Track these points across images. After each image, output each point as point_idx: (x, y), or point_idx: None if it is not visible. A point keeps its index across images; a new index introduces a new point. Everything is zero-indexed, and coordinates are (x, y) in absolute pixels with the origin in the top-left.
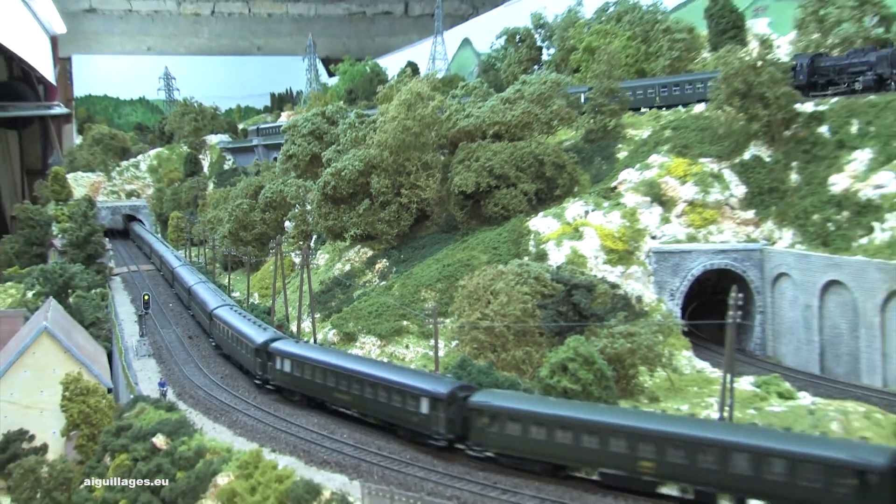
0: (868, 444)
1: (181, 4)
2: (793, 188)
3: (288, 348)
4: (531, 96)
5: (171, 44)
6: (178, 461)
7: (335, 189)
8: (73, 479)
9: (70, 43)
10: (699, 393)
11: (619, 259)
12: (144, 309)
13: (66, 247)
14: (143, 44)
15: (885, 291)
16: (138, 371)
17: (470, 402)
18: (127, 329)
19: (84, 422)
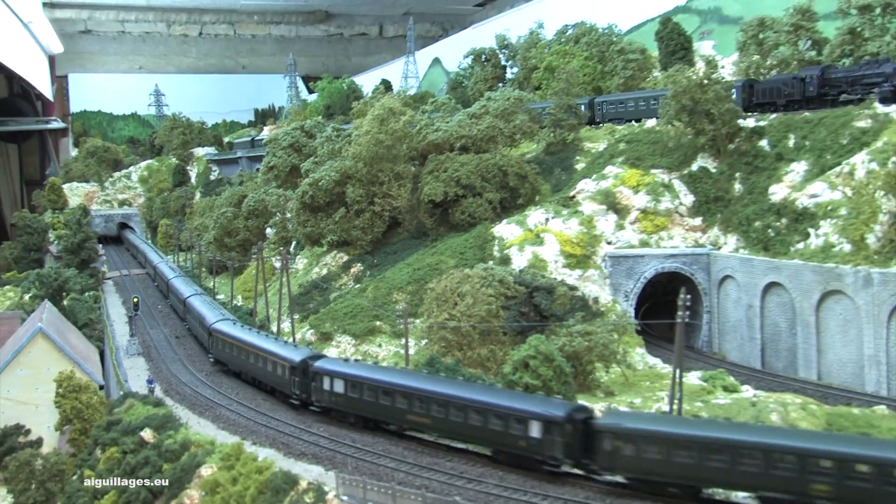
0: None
1: (171, 26)
2: (736, 197)
3: (338, 368)
4: (495, 111)
5: (161, 63)
6: (164, 454)
7: (313, 198)
8: (66, 471)
9: (67, 62)
10: (651, 387)
11: (577, 263)
12: (134, 311)
13: (61, 252)
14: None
15: (819, 292)
16: (128, 369)
17: (596, 424)
18: (118, 329)
19: (76, 417)
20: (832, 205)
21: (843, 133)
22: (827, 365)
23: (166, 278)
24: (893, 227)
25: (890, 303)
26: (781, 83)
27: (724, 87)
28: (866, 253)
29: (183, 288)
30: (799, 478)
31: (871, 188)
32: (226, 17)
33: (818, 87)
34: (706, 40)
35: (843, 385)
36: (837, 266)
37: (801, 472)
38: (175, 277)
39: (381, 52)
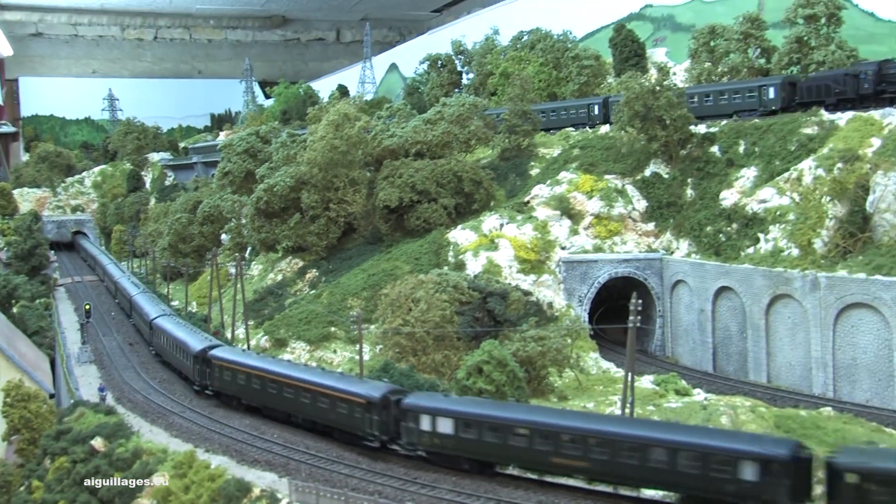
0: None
1: (125, 30)
2: (688, 202)
3: (443, 405)
4: (451, 117)
5: (115, 67)
6: (115, 462)
7: (268, 204)
8: (13, 482)
9: (17, 65)
10: (604, 391)
11: (531, 268)
12: (86, 318)
13: (11, 259)
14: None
15: (768, 296)
16: (79, 377)
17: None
18: (70, 337)
19: (25, 426)
20: (781, 210)
21: (791, 139)
22: (776, 368)
23: (129, 295)
24: (839, 232)
25: (836, 306)
26: (831, 80)
27: (676, 93)
28: (813, 257)
29: (149, 308)
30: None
31: (817, 194)
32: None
33: (874, 83)
34: (659, 47)
35: (792, 387)
36: (786, 270)
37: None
38: (140, 294)
39: (339, 57)
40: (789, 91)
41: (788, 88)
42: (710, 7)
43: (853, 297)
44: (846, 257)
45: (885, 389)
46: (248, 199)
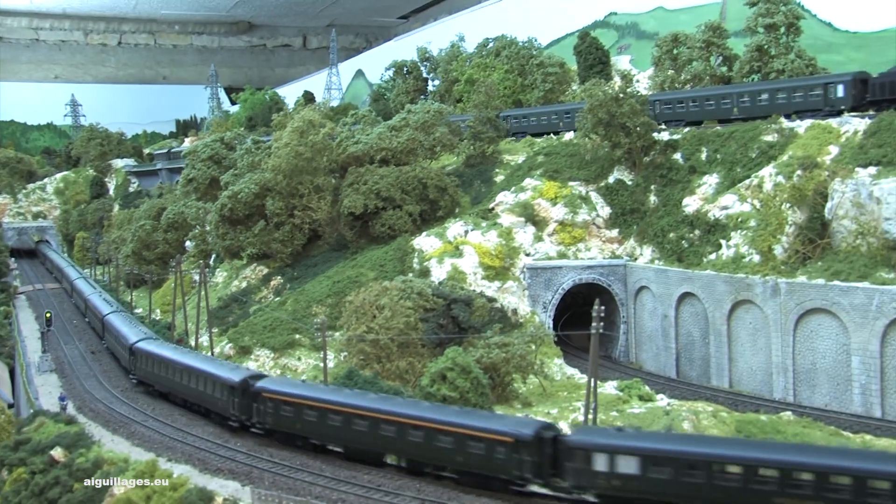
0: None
1: (88, 35)
2: (652, 209)
3: (624, 442)
4: (416, 124)
5: (78, 72)
6: (75, 473)
7: (232, 211)
8: None
9: None
10: (568, 397)
11: (496, 275)
12: (47, 326)
13: None
14: (50, 72)
15: (730, 302)
16: (39, 386)
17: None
18: (30, 346)
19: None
20: (742, 216)
21: (752, 147)
22: (738, 373)
23: (100, 314)
24: (798, 239)
25: (796, 311)
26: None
27: (639, 100)
28: (774, 263)
29: (128, 332)
30: None
31: (777, 200)
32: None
33: None
34: (624, 55)
35: (753, 392)
36: (747, 276)
37: None
38: (112, 313)
39: (305, 63)
40: (860, 89)
41: (859, 86)
42: (673, 15)
43: (812, 302)
44: (805, 263)
45: (844, 393)
46: (212, 206)
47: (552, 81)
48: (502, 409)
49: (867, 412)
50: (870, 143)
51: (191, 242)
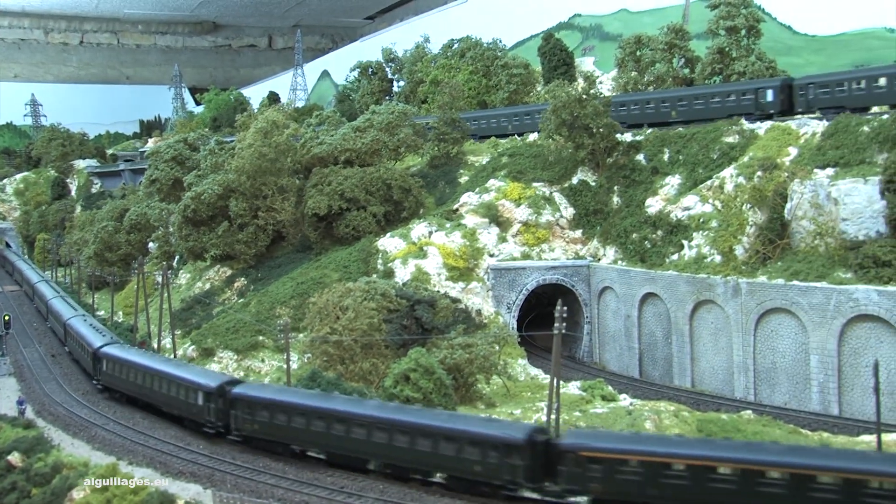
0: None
1: (49, 34)
2: (615, 210)
3: None
4: (380, 125)
5: (38, 71)
6: (33, 478)
7: (195, 212)
8: None
9: None
10: (532, 398)
11: (460, 276)
12: (5, 329)
13: None
14: (9, 71)
15: (692, 302)
16: None
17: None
18: None
19: None
20: (704, 217)
21: (714, 148)
22: (700, 372)
23: (63, 319)
24: (759, 239)
25: (757, 311)
26: None
27: (603, 102)
28: (735, 264)
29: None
30: None
31: (738, 201)
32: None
33: None
34: (588, 56)
35: (715, 391)
36: (709, 277)
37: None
38: (75, 317)
39: (271, 63)
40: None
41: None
42: (636, 17)
43: (772, 302)
44: (766, 263)
45: (802, 392)
46: (175, 207)
47: (517, 83)
48: (466, 409)
49: (825, 410)
50: (827, 144)
51: (154, 244)
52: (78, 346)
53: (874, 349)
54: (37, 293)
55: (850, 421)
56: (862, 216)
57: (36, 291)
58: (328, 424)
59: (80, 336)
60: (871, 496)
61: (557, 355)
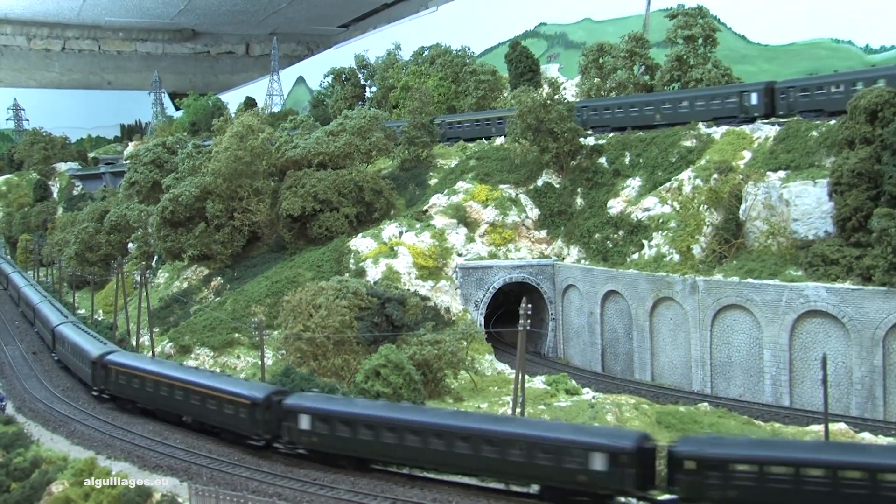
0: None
1: (31, 40)
2: (578, 211)
3: None
4: (353, 129)
5: (21, 77)
6: (13, 472)
7: (173, 213)
8: None
9: None
10: (498, 392)
11: (429, 274)
12: None
13: None
14: None
15: (652, 299)
16: None
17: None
18: None
19: None
20: (663, 218)
21: (672, 151)
22: (659, 367)
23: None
24: (715, 239)
25: (713, 308)
26: None
27: (566, 107)
28: (692, 262)
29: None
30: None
31: (695, 203)
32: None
33: None
34: (553, 63)
35: (674, 385)
36: (668, 275)
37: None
38: (65, 324)
39: (248, 70)
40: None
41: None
42: (599, 26)
43: (728, 299)
44: (721, 262)
45: (756, 385)
46: (154, 209)
47: (484, 88)
48: (435, 403)
49: (777, 401)
50: (779, 148)
51: (133, 244)
52: (72, 353)
53: (823, 343)
54: (22, 297)
55: (800, 411)
56: (811, 217)
57: (21, 296)
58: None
59: (76, 344)
60: None
61: (522, 351)
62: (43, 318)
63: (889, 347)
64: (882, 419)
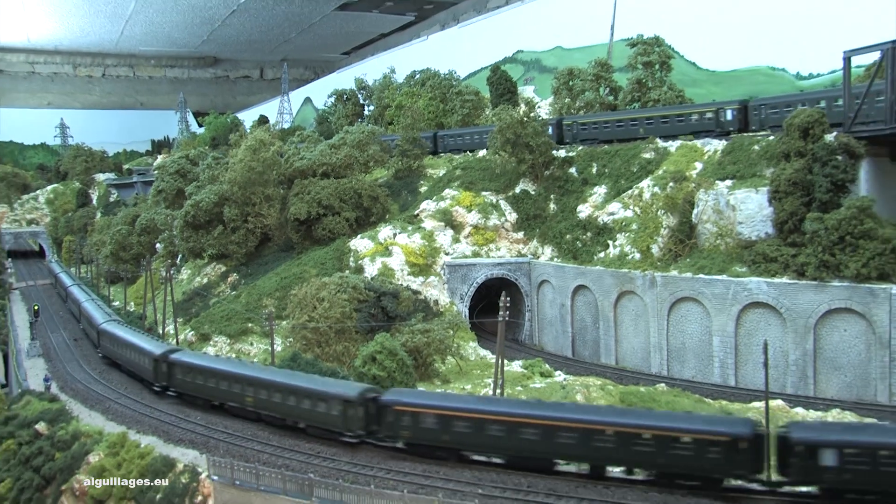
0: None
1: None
2: (551, 215)
3: None
4: (352, 143)
5: (68, 99)
6: (56, 444)
7: (195, 217)
8: None
9: None
10: (480, 375)
11: (420, 271)
12: (35, 317)
13: None
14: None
15: (616, 293)
16: (28, 369)
17: None
18: (21, 334)
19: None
20: (625, 221)
21: (634, 162)
22: (623, 352)
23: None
24: (671, 239)
25: (669, 300)
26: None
27: (541, 123)
28: (651, 260)
29: (149, 345)
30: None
31: (654, 208)
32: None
33: None
34: (529, 85)
35: (635, 368)
36: (630, 271)
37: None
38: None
39: (262, 91)
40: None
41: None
42: (569, 53)
43: (682, 292)
44: (677, 260)
45: (706, 367)
46: (178, 213)
47: (469, 107)
48: (424, 385)
49: (724, 382)
50: (726, 160)
51: (160, 244)
52: (124, 349)
53: (763, 331)
54: (70, 296)
55: (744, 390)
56: (754, 220)
57: (69, 294)
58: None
59: (131, 342)
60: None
61: (502, 338)
62: (88, 316)
63: (819, 333)
64: (813, 395)
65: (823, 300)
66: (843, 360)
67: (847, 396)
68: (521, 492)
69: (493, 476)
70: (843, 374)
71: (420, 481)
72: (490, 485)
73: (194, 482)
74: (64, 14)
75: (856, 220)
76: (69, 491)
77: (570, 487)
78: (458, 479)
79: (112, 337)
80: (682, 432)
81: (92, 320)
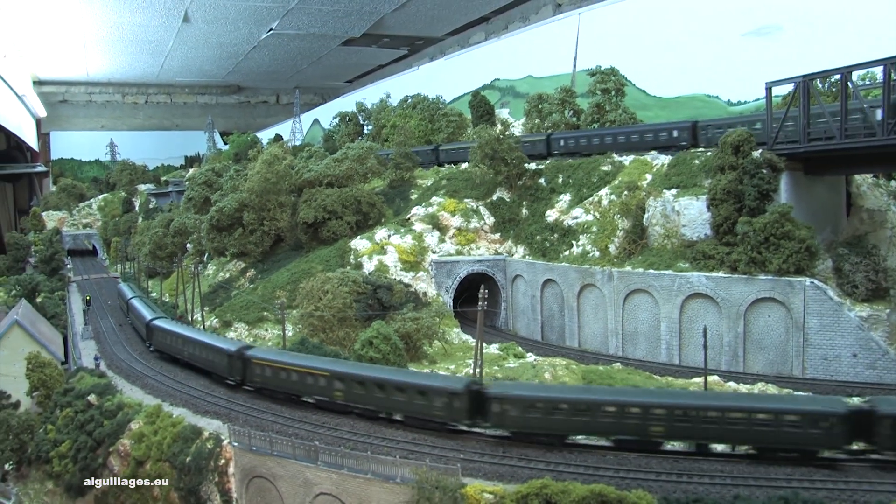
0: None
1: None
2: (524, 219)
3: None
4: (353, 157)
5: (117, 123)
6: (105, 413)
7: (219, 221)
8: (35, 426)
9: (49, 123)
10: (463, 356)
11: (411, 267)
12: (87, 306)
13: (37, 262)
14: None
15: (579, 285)
16: (82, 349)
17: None
18: (77, 320)
19: (42, 385)
20: (587, 224)
21: (594, 174)
22: (584, 336)
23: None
24: (625, 240)
25: (624, 292)
26: None
27: (515, 140)
28: (609, 257)
29: (223, 343)
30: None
31: (611, 213)
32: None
33: None
34: (505, 108)
35: (595, 350)
36: (590, 267)
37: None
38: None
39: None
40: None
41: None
42: (539, 81)
43: (635, 285)
44: (630, 257)
45: (655, 349)
46: (205, 218)
47: (453, 126)
48: (414, 366)
49: (670, 361)
50: (672, 172)
51: (190, 244)
52: (189, 346)
53: (703, 317)
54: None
55: (686, 368)
56: (695, 223)
57: (119, 292)
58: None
59: (210, 344)
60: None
61: (481, 325)
62: (137, 313)
63: (748, 319)
64: (742, 371)
65: (752, 291)
66: (767, 341)
67: (770, 371)
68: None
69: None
70: (766, 352)
71: (410, 448)
72: (471, 451)
73: (218, 447)
74: (116, 52)
75: (778, 224)
76: (115, 452)
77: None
78: (443, 446)
79: (165, 332)
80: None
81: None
